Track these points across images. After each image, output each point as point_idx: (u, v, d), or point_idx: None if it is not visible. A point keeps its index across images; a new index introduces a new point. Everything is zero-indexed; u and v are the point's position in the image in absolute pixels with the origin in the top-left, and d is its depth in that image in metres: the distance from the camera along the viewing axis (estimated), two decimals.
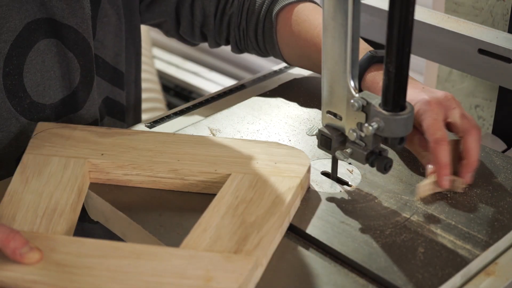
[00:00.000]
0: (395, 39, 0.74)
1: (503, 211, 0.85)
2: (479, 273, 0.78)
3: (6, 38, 0.96)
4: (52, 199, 0.84)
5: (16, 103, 1.00)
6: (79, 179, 0.87)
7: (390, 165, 0.83)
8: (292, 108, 1.08)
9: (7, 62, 0.97)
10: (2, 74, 0.97)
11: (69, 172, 0.88)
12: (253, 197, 0.83)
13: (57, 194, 0.85)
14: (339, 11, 0.79)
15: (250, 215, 0.80)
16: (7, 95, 0.98)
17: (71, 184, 0.87)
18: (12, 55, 0.97)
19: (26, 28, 0.97)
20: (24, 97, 1.00)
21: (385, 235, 0.81)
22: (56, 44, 1.01)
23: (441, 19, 1.19)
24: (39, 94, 1.02)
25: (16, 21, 0.96)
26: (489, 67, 1.13)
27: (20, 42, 0.97)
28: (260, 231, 0.77)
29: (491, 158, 0.95)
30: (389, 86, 0.77)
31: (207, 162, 0.89)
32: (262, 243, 0.76)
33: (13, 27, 0.96)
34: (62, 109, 1.05)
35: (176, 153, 0.91)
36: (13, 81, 0.98)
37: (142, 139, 0.94)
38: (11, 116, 1.00)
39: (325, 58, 0.84)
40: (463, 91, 1.51)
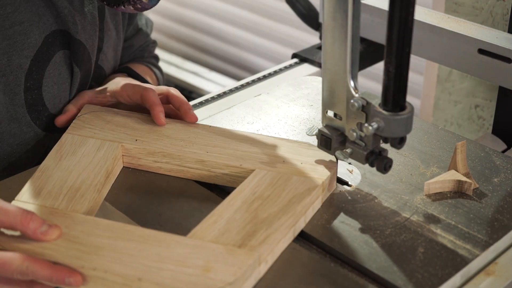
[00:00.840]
0: (395, 39, 0.74)
1: (503, 211, 0.85)
2: (479, 273, 0.78)
3: (27, 54, 0.97)
4: (79, 179, 0.87)
5: (35, 117, 1.01)
6: (108, 162, 0.90)
7: (390, 165, 0.83)
8: (292, 108, 1.08)
9: (28, 77, 0.98)
10: (24, 89, 0.98)
11: (100, 154, 0.91)
12: (271, 194, 0.83)
13: (85, 174, 0.88)
14: (339, 11, 0.79)
15: (263, 211, 0.80)
16: (27, 109, 1.00)
17: (100, 165, 0.89)
18: (33, 70, 0.99)
19: (45, 41, 0.99)
20: (43, 110, 1.02)
21: (385, 235, 0.81)
22: (69, 55, 1.03)
23: (441, 19, 1.19)
24: (56, 106, 1.03)
25: (36, 36, 0.98)
26: (489, 67, 1.13)
27: (40, 57, 0.99)
28: (269, 228, 0.78)
29: (491, 158, 0.95)
30: (389, 86, 0.77)
31: (235, 156, 0.91)
32: (268, 240, 0.76)
33: (33, 42, 0.98)
34: (71, 120, 1.06)
35: (207, 145, 0.93)
36: (33, 95, 1.00)
37: (177, 129, 0.96)
38: (30, 130, 1.01)
39: (325, 58, 0.84)
40: (463, 91, 1.51)
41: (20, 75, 0.97)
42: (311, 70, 1.30)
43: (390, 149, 0.84)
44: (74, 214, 0.81)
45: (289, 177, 0.86)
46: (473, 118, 1.52)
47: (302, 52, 1.36)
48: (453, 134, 1.01)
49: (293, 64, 1.32)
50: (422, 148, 0.98)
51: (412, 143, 0.99)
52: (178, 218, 0.85)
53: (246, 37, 2.53)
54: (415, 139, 1.00)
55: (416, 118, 1.03)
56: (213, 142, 0.94)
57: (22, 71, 0.97)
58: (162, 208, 0.87)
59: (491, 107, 1.46)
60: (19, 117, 0.99)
